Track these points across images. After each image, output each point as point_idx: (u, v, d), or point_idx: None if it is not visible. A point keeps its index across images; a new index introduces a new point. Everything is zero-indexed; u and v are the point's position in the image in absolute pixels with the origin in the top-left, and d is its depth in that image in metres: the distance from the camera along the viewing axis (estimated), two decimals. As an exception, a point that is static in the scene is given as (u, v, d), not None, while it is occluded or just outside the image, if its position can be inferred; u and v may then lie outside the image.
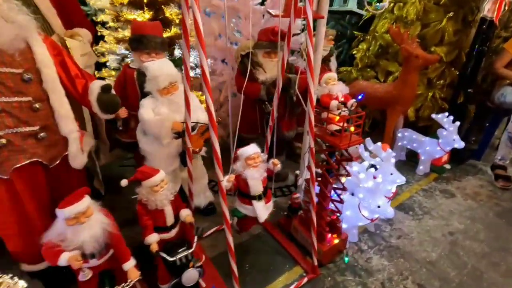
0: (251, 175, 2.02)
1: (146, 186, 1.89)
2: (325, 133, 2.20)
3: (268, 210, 2.20)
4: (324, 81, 2.21)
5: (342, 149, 2.08)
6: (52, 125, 1.90)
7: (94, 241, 1.54)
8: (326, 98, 2.16)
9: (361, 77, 4.83)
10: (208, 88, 1.64)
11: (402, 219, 3.09)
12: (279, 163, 2.19)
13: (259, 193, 2.09)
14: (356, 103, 2.11)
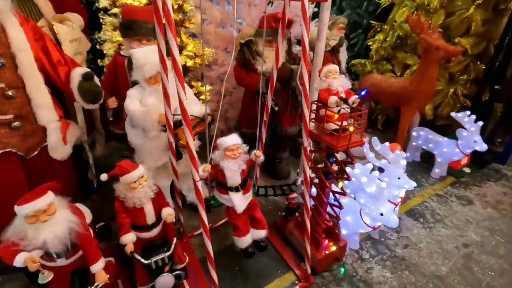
0: (228, 167, 1.91)
1: (124, 182, 1.76)
2: (322, 132, 1.98)
3: (246, 200, 2.09)
4: (324, 74, 1.97)
5: (339, 151, 1.87)
6: (28, 114, 1.80)
7: (58, 241, 1.43)
8: (325, 93, 1.93)
9: (376, 70, 4.50)
10: (181, 83, 1.45)
11: (411, 226, 2.83)
12: (261, 155, 2.04)
13: (236, 185, 1.99)
14: (359, 99, 1.87)
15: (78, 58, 2.47)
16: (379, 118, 4.62)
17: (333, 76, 1.95)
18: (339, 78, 1.95)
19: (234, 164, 1.91)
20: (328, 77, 1.96)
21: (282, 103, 2.96)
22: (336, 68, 1.98)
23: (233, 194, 2.01)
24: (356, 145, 1.92)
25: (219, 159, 1.94)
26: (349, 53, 5.09)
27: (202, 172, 1.90)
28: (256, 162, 2.09)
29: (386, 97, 3.99)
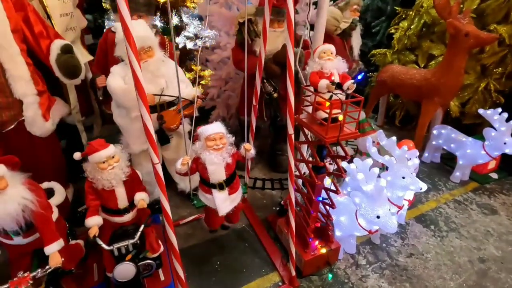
0: (210, 160, 1.68)
1: (92, 162, 1.65)
2: (312, 121, 1.75)
3: (232, 202, 1.85)
4: (318, 54, 1.74)
5: (327, 143, 1.63)
6: (3, 86, 1.75)
7: (10, 219, 1.34)
8: (315, 76, 1.70)
9: (397, 61, 4.10)
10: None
11: (419, 233, 2.53)
12: (251, 148, 1.80)
13: (219, 181, 1.75)
14: (354, 84, 1.63)
15: (70, 34, 2.40)
16: (397, 114, 4.24)
17: (327, 57, 1.71)
18: (334, 59, 1.70)
19: (216, 156, 1.68)
20: (322, 58, 1.72)
21: (283, 89, 2.73)
22: (332, 49, 1.73)
23: (216, 193, 1.77)
24: (348, 137, 1.69)
25: (200, 151, 1.72)
26: (369, 42, 4.76)
27: (179, 166, 1.73)
28: (246, 156, 1.85)
29: (405, 90, 3.63)
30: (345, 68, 1.73)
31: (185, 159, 1.70)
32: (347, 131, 1.67)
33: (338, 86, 1.64)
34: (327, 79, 1.65)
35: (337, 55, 2.91)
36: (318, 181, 1.83)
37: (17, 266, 1.55)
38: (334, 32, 2.91)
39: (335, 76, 1.70)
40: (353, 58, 3.12)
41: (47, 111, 2.01)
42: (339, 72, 1.72)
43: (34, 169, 2.02)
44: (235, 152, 1.82)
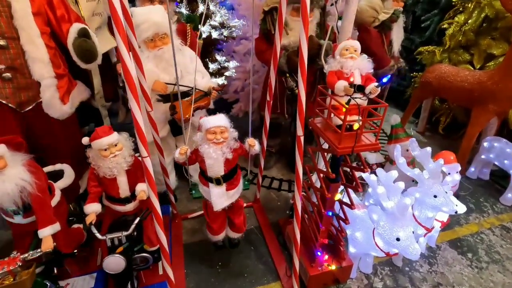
0: (208, 154, 1.59)
1: (94, 148, 1.62)
2: (326, 127, 1.55)
3: (229, 198, 1.75)
4: (339, 51, 1.52)
5: (339, 154, 1.42)
6: (22, 67, 1.78)
7: (7, 198, 1.36)
8: (333, 76, 1.49)
9: (448, 60, 3.61)
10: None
11: (452, 260, 2.18)
12: (255, 144, 1.68)
13: (217, 176, 1.66)
14: (378, 88, 1.39)
15: (96, 20, 2.42)
16: (441, 120, 3.75)
17: (349, 54, 1.48)
18: (357, 58, 1.47)
19: (215, 151, 1.58)
20: (344, 55, 1.50)
21: (307, 84, 2.50)
22: (356, 45, 1.50)
23: (213, 187, 1.69)
24: (365, 149, 1.46)
25: (200, 142, 1.63)
26: (417, 38, 4.27)
27: (177, 155, 1.66)
28: (249, 152, 1.74)
29: (454, 94, 3.18)
30: (370, 69, 1.49)
31: (183, 148, 1.64)
32: (365, 142, 1.45)
33: (359, 89, 1.43)
34: (346, 81, 1.44)
35: (373, 50, 2.65)
36: (329, 195, 1.62)
37: (19, 244, 1.59)
38: (372, 24, 2.60)
39: (356, 77, 1.47)
40: (391, 55, 2.77)
41: (66, 94, 2.04)
42: (362, 73, 1.49)
43: (52, 150, 2.11)
44: (239, 147, 1.70)
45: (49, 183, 1.64)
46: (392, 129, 2.61)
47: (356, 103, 1.37)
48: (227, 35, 3.00)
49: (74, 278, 1.90)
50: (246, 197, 2.71)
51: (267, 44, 2.44)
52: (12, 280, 1.29)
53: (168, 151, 2.45)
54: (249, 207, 2.60)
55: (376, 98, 1.47)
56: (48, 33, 1.90)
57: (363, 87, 1.45)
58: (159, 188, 2.55)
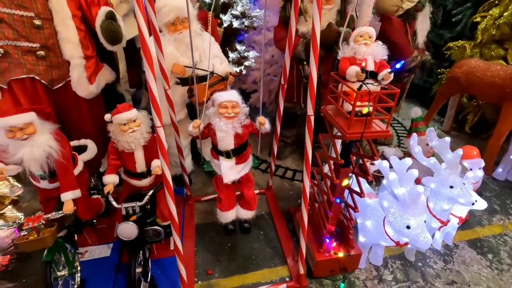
0: (219, 127, 1.67)
1: (115, 123, 1.72)
2: (337, 114, 1.54)
3: (238, 172, 1.82)
4: (353, 37, 1.51)
5: (348, 139, 1.41)
6: (54, 46, 1.92)
7: (35, 162, 1.48)
8: (346, 62, 1.49)
9: (479, 55, 3.42)
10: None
11: (470, 260, 2.08)
12: (266, 122, 1.75)
13: (227, 149, 1.75)
14: (391, 74, 1.37)
15: (123, 7, 2.54)
16: (468, 118, 3.56)
17: (363, 41, 1.47)
18: (371, 44, 1.46)
19: (226, 124, 1.67)
20: (357, 41, 1.48)
21: (325, 74, 2.49)
22: (370, 31, 1.49)
23: (223, 160, 1.79)
24: (375, 136, 1.45)
25: (212, 117, 1.71)
26: (447, 33, 4.08)
27: (191, 128, 1.76)
28: (259, 130, 1.81)
29: (484, 90, 3.01)
30: (384, 55, 1.48)
31: (196, 122, 1.72)
32: (375, 129, 1.43)
33: (372, 75, 1.42)
34: (358, 66, 1.43)
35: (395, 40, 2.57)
36: (337, 181, 1.61)
37: (45, 207, 1.72)
38: (395, 13, 2.52)
39: (369, 64, 1.46)
40: (415, 45, 2.67)
41: (93, 75, 2.17)
42: (375, 59, 1.47)
43: (78, 126, 2.25)
44: (249, 124, 1.77)
45: (73, 154, 1.76)
46: (413, 123, 2.53)
47: (367, 88, 1.36)
48: (248, 25, 3.03)
49: (92, 246, 2.03)
50: (259, 185, 2.74)
51: (286, 32, 2.43)
52: (36, 236, 1.40)
53: (185, 134, 2.52)
54: (261, 194, 2.62)
55: (389, 85, 1.45)
56: (79, 16, 2.02)
57: (375, 73, 1.43)
58: (175, 171, 2.65)
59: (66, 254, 1.63)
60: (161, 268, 1.92)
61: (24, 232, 1.41)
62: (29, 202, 2.38)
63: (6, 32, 1.76)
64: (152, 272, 1.79)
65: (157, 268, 1.91)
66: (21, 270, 1.85)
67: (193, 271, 1.91)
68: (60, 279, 1.61)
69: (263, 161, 3.08)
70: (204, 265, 1.99)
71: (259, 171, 2.96)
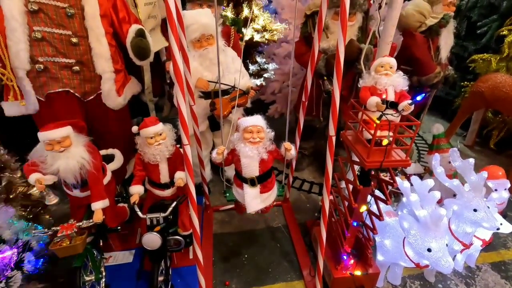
0: (244, 152, 1.63)
1: (142, 136, 1.81)
2: (357, 140, 1.56)
3: (263, 202, 1.76)
4: (374, 67, 1.53)
5: (367, 167, 1.43)
6: (88, 62, 2.04)
7: (70, 173, 1.58)
8: (366, 91, 1.51)
9: (506, 70, 3.33)
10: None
11: (494, 284, 2.02)
12: (291, 148, 1.70)
13: (251, 177, 1.69)
14: (412, 106, 1.38)
15: (151, 22, 2.66)
16: (493, 134, 3.45)
17: (384, 71, 1.49)
18: (392, 75, 1.47)
19: (251, 150, 1.63)
20: (379, 72, 1.50)
21: (345, 89, 2.51)
22: (392, 62, 1.51)
23: (247, 188, 1.72)
24: (395, 165, 1.45)
25: (237, 142, 1.69)
26: (471, 45, 3.99)
27: (215, 155, 1.73)
28: (285, 157, 1.76)
29: (510, 106, 2.92)
30: (405, 86, 1.49)
31: (221, 148, 1.70)
32: (395, 158, 1.44)
33: (392, 106, 1.43)
34: (378, 97, 1.45)
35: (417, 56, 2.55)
36: (355, 205, 1.61)
37: (74, 214, 1.83)
38: (418, 29, 2.51)
39: (390, 94, 1.48)
40: (438, 61, 2.63)
41: (121, 87, 2.29)
42: (396, 89, 1.49)
43: (105, 136, 2.37)
44: (274, 150, 1.73)
45: (102, 164, 1.86)
46: (434, 139, 2.49)
47: (387, 119, 1.38)
48: (268, 38, 3.09)
49: (116, 252, 2.12)
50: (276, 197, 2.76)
51: (307, 47, 2.48)
52: (68, 243, 1.49)
53: (205, 144, 2.61)
54: (278, 206, 2.65)
55: (410, 116, 1.46)
56: (111, 33, 2.14)
57: (396, 103, 1.45)
58: (195, 180, 2.71)
59: (93, 260, 1.72)
60: (180, 276, 1.98)
61: (58, 239, 1.51)
62: (58, 206, 2.51)
63: (46, 49, 1.90)
64: (172, 280, 1.85)
65: (177, 276, 1.97)
66: (50, 272, 1.96)
67: (211, 282, 1.96)
68: (88, 283, 1.70)
69: (280, 172, 3.11)
70: (221, 275, 2.03)
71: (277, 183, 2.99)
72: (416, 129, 1.41)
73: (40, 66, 1.89)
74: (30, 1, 1.79)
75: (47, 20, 1.86)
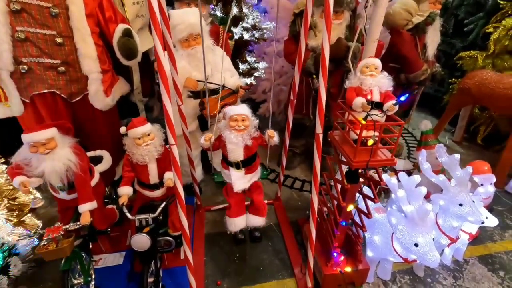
0: (229, 139, 1.76)
1: (130, 137, 1.79)
2: (344, 140, 1.58)
3: (247, 181, 1.91)
4: (360, 68, 1.55)
5: (354, 167, 1.45)
6: (74, 62, 2.01)
7: (56, 175, 1.55)
8: (352, 92, 1.54)
9: (491, 66, 3.39)
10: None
11: (481, 277, 2.06)
12: (275, 135, 1.82)
13: (237, 160, 1.83)
14: (396, 106, 1.40)
15: (139, 21, 2.64)
16: (480, 130, 3.52)
17: (369, 72, 1.51)
18: (377, 76, 1.50)
19: (236, 137, 1.76)
20: (364, 72, 1.52)
21: (334, 87, 2.52)
22: (376, 63, 1.53)
23: (233, 171, 1.88)
24: (381, 164, 1.47)
25: (223, 129, 1.81)
26: (458, 42, 4.05)
27: (203, 141, 1.85)
28: (268, 143, 1.88)
29: (496, 102, 2.99)
30: (389, 86, 1.52)
31: (208, 135, 1.81)
32: (380, 157, 1.46)
33: (377, 106, 1.47)
34: (363, 97, 1.47)
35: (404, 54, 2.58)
36: (344, 203, 1.63)
37: (62, 217, 1.80)
38: (405, 27, 2.54)
39: (375, 95, 1.50)
40: (425, 59, 2.67)
41: (109, 88, 2.26)
42: (381, 90, 1.51)
43: (94, 138, 2.34)
44: (259, 136, 1.85)
45: (90, 165, 1.84)
46: (422, 135, 2.52)
47: (372, 119, 1.40)
48: (258, 37, 3.09)
49: (106, 254, 2.09)
50: (267, 195, 2.77)
51: (296, 46, 2.48)
52: (55, 246, 1.47)
53: (195, 144, 2.59)
54: (270, 205, 2.65)
55: (394, 116, 1.48)
56: (97, 32, 2.12)
57: (381, 104, 1.48)
58: (186, 180, 2.70)
59: (82, 263, 1.70)
60: (172, 277, 1.97)
61: (44, 242, 1.48)
62: (46, 208, 2.47)
63: (30, 49, 1.86)
64: (163, 281, 1.84)
65: (168, 277, 1.95)
66: (38, 276, 1.93)
67: (203, 282, 1.95)
68: (76, 286, 1.68)
69: (271, 171, 3.12)
70: (213, 275, 2.03)
71: (268, 181, 3.00)
72: (400, 129, 1.43)
73: (24, 67, 1.86)
74: (12, 0, 1.75)
75: (31, 20, 1.82)
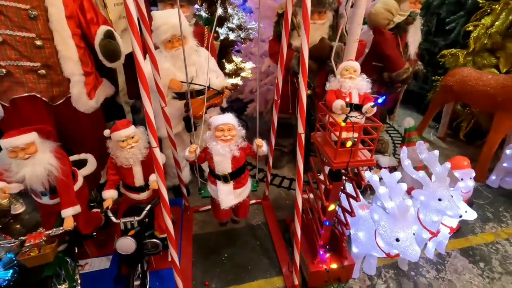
0: (216, 150, 1.67)
1: (113, 139, 1.78)
2: (325, 142, 1.61)
3: (236, 197, 1.81)
4: (339, 71, 1.58)
5: (335, 168, 1.48)
6: (55, 65, 1.98)
7: (37, 180, 1.53)
8: (332, 95, 1.58)
9: (472, 64, 3.48)
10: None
11: (462, 269, 2.12)
12: (263, 144, 1.75)
13: (224, 173, 1.73)
14: (374, 108, 1.44)
15: (122, 22, 2.61)
16: (462, 126, 3.61)
17: (349, 75, 1.54)
18: (356, 79, 1.53)
19: (223, 147, 1.67)
20: (343, 75, 1.55)
21: (319, 86, 2.55)
22: (355, 66, 1.56)
23: (221, 185, 1.76)
24: (361, 165, 1.50)
25: (208, 140, 1.72)
26: (441, 41, 4.14)
27: (187, 153, 1.76)
28: (257, 153, 1.81)
29: (476, 98, 3.08)
30: (368, 89, 1.56)
31: (193, 147, 1.73)
32: (360, 158, 1.49)
33: (356, 108, 1.50)
34: (343, 100, 1.50)
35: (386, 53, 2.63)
36: (326, 203, 1.66)
37: (45, 223, 1.78)
38: (387, 27, 2.59)
39: (354, 97, 1.54)
40: (407, 57, 2.73)
41: (92, 90, 2.23)
42: (360, 92, 1.54)
43: (78, 141, 2.30)
44: (247, 147, 1.78)
45: (73, 169, 1.81)
46: (406, 132, 2.58)
47: (359, 122, 1.43)
48: (244, 37, 3.10)
49: (92, 258, 2.08)
50: (255, 194, 2.78)
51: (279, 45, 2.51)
52: (37, 252, 1.45)
53: (182, 146, 2.58)
54: (258, 204, 2.67)
55: (373, 117, 1.52)
56: (78, 34, 2.09)
57: (360, 106, 1.51)
58: (173, 182, 2.70)
59: (66, 268, 1.68)
60: (160, 279, 1.97)
61: (26, 248, 1.46)
62: (30, 214, 2.43)
63: (9, 52, 1.83)
64: (150, 283, 1.83)
65: (156, 279, 1.95)
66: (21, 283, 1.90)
67: (191, 283, 1.96)
68: (61, 292, 1.66)
69: (260, 170, 3.13)
70: (201, 276, 2.03)
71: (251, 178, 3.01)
72: (378, 130, 1.46)
73: (2, 70, 1.82)
74: (-12, 3, 1.72)
75: (8, 23, 1.79)
